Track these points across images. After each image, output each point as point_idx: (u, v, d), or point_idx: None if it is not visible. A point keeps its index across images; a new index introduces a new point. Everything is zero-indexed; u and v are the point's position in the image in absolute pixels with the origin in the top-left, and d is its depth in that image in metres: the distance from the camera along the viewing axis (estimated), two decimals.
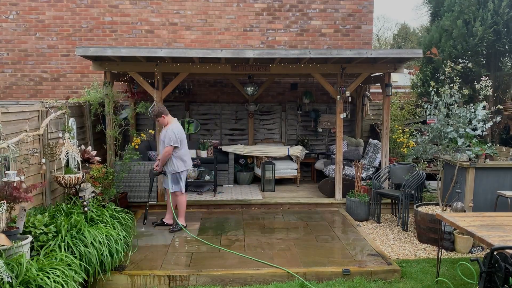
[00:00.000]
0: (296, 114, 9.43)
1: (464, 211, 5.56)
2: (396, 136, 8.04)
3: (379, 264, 4.83)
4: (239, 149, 8.68)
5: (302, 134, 9.56)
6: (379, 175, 6.97)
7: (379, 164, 7.64)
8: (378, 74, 7.77)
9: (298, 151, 8.60)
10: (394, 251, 5.50)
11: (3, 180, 3.87)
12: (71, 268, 3.84)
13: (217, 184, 8.05)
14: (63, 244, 4.14)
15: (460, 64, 7.62)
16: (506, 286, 3.17)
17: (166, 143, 5.76)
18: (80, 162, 5.35)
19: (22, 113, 4.70)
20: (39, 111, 5.07)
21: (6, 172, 3.94)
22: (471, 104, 5.66)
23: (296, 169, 8.69)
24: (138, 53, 6.38)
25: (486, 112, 5.50)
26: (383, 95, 7.42)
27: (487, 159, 6.14)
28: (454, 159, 5.93)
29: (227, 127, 9.47)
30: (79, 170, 5.33)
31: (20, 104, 6.45)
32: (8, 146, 4.00)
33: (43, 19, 8.89)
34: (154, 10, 9.01)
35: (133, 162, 6.75)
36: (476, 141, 5.93)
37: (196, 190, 8.15)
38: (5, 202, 3.72)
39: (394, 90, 8.93)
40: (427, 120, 7.46)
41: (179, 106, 9.24)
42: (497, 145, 7.13)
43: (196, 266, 4.75)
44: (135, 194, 7.15)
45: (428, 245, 5.70)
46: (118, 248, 4.55)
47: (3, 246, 3.53)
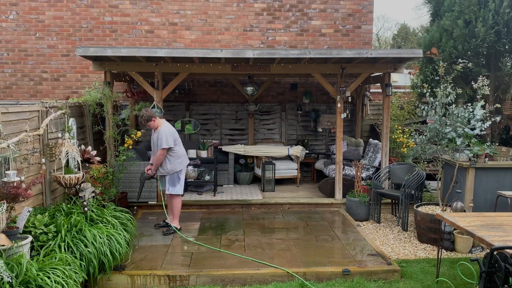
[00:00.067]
0: (296, 114, 9.43)
1: (464, 211, 5.56)
2: (396, 136, 8.05)
3: (379, 264, 4.84)
4: (239, 149, 8.68)
5: (302, 134, 9.56)
6: (379, 175, 6.97)
7: (379, 164, 7.64)
8: (378, 74, 7.77)
9: (298, 151, 8.60)
10: (394, 251, 5.50)
11: (3, 180, 3.88)
12: (71, 268, 3.84)
13: (217, 184, 8.05)
14: (63, 244, 4.14)
15: (460, 64, 7.62)
16: (506, 286, 3.17)
17: (159, 146, 5.71)
18: (80, 162, 5.35)
19: (22, 113, 4.70)
20: (39, 111, 5.06)
21: (6, 172, 3.94)
22: (469, 104, 5.67)
23: (296, 169, 8.69)
24: (138, 53, 6.38)
25: (484, 112, 5.50)
26: (383, 95, 7.42)
27: (487, 158, 6.14)
28: (453, 159, 5.94)
29: (227, 127, 9.48)
30: (79, 170, 5.32)
31: (20, 104, 6.44)
32: (8, 146, 4.00)
33: (43, 19, 8.90)
34: (154, 10, 9.01)
35: (130, 162, 6.76)
36: (475, 140, 5.92)
37: (196, 190, 8.15)
38: (5, 202, 3.72)
39: (394, 90, 8.94)
40: (427, 120, 7.46)
41: (179, 106, 9.23)
42: (497, 145, 7.13)
43: (196, 266, 4.76)
44: (135, 194, 7.13)
45: (428, 245, 5.70)
46: (118, 248, 4.55)
47: (3, 246, 3.53)
